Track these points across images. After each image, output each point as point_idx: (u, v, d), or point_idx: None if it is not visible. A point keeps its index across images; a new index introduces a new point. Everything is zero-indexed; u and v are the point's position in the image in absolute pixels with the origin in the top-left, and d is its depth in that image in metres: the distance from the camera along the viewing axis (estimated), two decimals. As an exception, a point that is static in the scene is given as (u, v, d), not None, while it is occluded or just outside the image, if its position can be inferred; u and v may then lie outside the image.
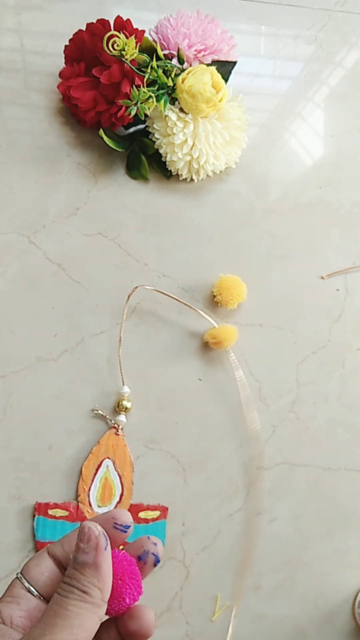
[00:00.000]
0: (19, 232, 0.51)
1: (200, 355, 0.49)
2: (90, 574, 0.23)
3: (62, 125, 0.55)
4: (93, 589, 0.23)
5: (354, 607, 0.45)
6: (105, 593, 0.23)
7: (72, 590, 0.23)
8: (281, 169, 0.57)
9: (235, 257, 0.53)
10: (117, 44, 0.45)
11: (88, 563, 0.23)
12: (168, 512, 0.45)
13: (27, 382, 0.47)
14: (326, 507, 0.47)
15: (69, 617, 0.22)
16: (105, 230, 0.52)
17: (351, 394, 0.49)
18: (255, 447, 0.47)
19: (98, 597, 0.23)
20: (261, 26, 0.63)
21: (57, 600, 0.23)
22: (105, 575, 0.23)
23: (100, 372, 0.48)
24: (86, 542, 0.23)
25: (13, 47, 0.58)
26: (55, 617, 0.22)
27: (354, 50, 0.63)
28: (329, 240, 0.54)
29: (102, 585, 0.23)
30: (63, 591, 0.23)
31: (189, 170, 0.52)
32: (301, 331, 0.51)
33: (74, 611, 0.22)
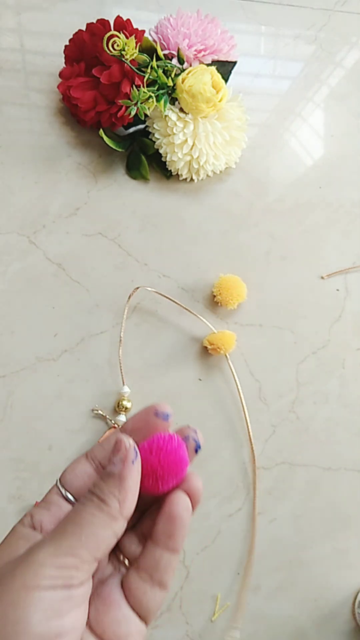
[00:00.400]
0: (19, 232, 0.51)
1: (201, 355, 0.49)
2: (113, 485, 0.22)
3: (62, 125, 0.55)
4: (112, 499, 0.22)
5: (354, 607, 0.45)
6: (125, 507, 0.22)
7: (92, 498, 0.22)
8: (281, 169, 0.57)
9: (235, 257, 0.53)
10: (117, 44, 0.45)
11: (113, 474, 0.23)
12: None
13: (27, 382, 0.47)
14: (326, 507, 0.47)
15: (81, 524, 0.21)
16: (105, 230, 0.52)
17: (351, 394, 0.49)
18: (255, 447, 0.47)
19: (116, 508, 0.22)
20: (261, 26, 0.63)
21: (74, 508, 0.22)
22: (129, 489, 0.23)
23: (100, 372, 0.48)
24: (115, 454, 0.23)
25: (13, 47, 0.58)
26: (67, 524, 0.22)
27: (354, 50, 0.63)
28: (329, 240, 0.54)
29: (122, 497, 0.22)
30: (83, 499, 0.23)
31: (189, 170, 0.52)
32: (301, 331, 0.51)
33: (87, 519, 0.22)
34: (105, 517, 0.22)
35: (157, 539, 0.24)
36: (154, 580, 0.24)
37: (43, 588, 0.20)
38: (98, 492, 0.22)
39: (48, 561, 0.20)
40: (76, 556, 0.21)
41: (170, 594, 0.44)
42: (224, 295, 0.48)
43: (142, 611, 0.24)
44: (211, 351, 0.48)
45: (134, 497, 0.23)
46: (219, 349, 0.47)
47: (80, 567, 0.21)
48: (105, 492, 0.22)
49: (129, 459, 0.23)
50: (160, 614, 0.43)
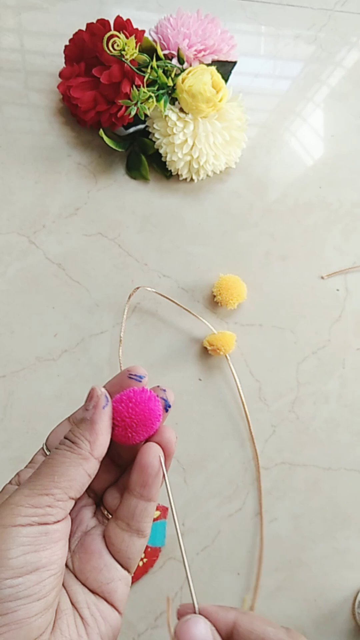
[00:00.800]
0: (19, 232, 0.51)
1: (200, 355, 0.49)
2: (84, 428, 0.24)
3: (62, 125, 0.55)
4: (83, 441, 0.24)
5: (354, 607, 0.45)
6: (95, 448, 0.24)
7: (64, 442, 0.24)
8: (281, 169, 0.57)
9: (235, 257, 0.53)
10: (117, 44, 0.45)
11: (85, 419, 0.24)
12: (168, 512, 0.45)
13: (27, 382, 0.47)
14: (326, 507, 0.47)
15: (53, 464, 0.23)
16: (105, 230, 0.52)
17: (351, 394, 0.49)
18: (256, 447, 0.47)
19: (86, 449, 0.24)
20: (261, 26, 0.63)
21: (48, 455, 0.24)
22: (99, 431, 0.24)
23: (100, 372, 0.48)
24: (88, 400, 0.25)
25: (13, 47, 0.58)
26: (41, 467, 0.23)
27: (354, 50, 0.63)
28: (329, 240, 0.54)
29: (93, 439, 0.24)
30: (57, 445, 0.24)
31: (189, 170, 0.52)
32: (301, 331, 0.51)
33: (58, 459, 0.23)
34: (75, 457, 0.23)
35: (132, 488, 0.25)
36: (132, 528, 0.25)
37: (20, 525, 0.21)
38: (70, 436, 0.24)
39: (23, 501, 0.22)
40: (50, 495, 0.22)
41: (170, 594, 0.44)
42: (224, 295, 0.48)
43: (122, 559, 0.25)
44: (211, 352, 0.48)
45: (104, 439, 0.24)
46: (219, 350, 0.47)
47: (54, 504, 0.22)
48: (76, 434, 0.24)
49: (100, 404, 0.25)
50: (160, 614, 0.43)
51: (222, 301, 0.49)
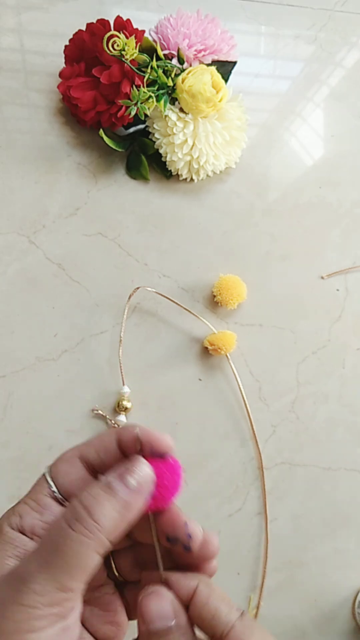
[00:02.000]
0: (19, 232, 0.51)
1: (201, 355, 0.49)
2: (115, 507, 0.20)
3: (62, 125, 0.55)
4: (108, 522, 0.20)
5: (354, 607, 0.45)
6: (115, 534, 0.21)
7: (82, 517, 0.20)
8: (281, 169, 0.57)
9: (235, 257, 0.53)
10: (117, 44, 0.45)
11: (120, 496, 0.21)
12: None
13: (27, 382, 0.47)
14: (326, 507, 0.47)
15: (68, 556, 0.19)
16: (105, 230, 0.52)
17: (351, 394, 0.49)
18: (255, 447, 0.47)
19: (107, 533, 0.20)
20: (261, 26, 0.63)
21: (59, 529, 0.20)
22: (128, 520, 0.21)
23: (100, 372, 0.48)
24: (131, 475, 0.21)
25: (13, 47, 0.58)
26: (53, 554, 0.20)
27: (354, 50, 0.63)
28: (329, 240, 0.54)
29: (119, 525, 0.20)
30: (70, 517, 0.20)
31: (189, 170, 0.52)
32: (301, 331, 0.51)
33: (74, 548, 0.19)
34: (94, 544, 0.20)
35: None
36: None
37: (38, 629, 0.19)
38: (93, 508, 0.20)
39: (38, 602, 0.19)
40: (65, 590, 0.19)
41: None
42: (224, 295, 0.48)
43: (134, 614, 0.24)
44: (212, 352, 0.48)
45: (127, 528, 0.21)
46: (220, 349, 0.47)
47: (70, 598, 0.20)
48: (104, 511, 0.20)
49: (144, 491, 0.21)
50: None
51: (222, 301, 0.49)
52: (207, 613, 0.21)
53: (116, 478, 0.21)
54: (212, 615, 0.21)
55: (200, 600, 0.22)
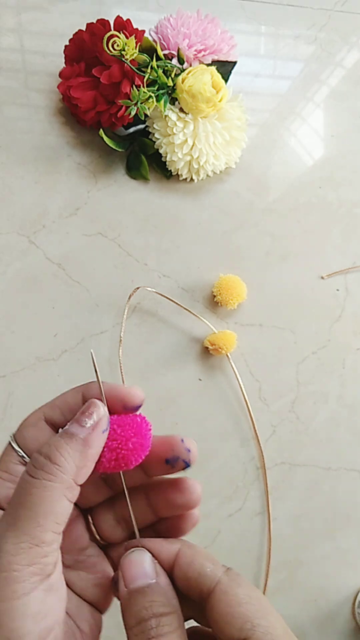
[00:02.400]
0: (19, 232, 0.51)
1: (201, 355, 0.49)
2: (74, 447, 0.20)
3: (62, 125, 0.55)
4: (69, 463, 0.20)
5: (354, 607, 0.45)
6: (81, 475, 0.20)
7: (43, 463, 0.19)
8: (281, 169, 0.57)
9: (235, 257, 0.53)
10: (117, 44, 0.45)
11: (77, 436, 0.20)
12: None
13: (27, 382, 0.47)
14: (326, 507, 0.47)
15: (34, 504, 0.19)
16: (105, 230, 0.52)
17: (351, 394, 0.49)
18: (256, 447, 0.47)
19: (71, 474, 0.20)
20: (261, 26, 0.63)
21: (22, 482, 0.19)
22: (90, 457, 0.21)
23: (100, 372, 0.48)
24: (86, 416, 0.21)
25: (13, 47, 0.58)
26: (19, 507, 0.19)
27: (354, 50, 0.63)
28: (329, 240, 0.54)
29: (82, 464, 0.20)
30: (32, 467, 0.20)
31: (189, 170, 0.52)
32: (301, 331, 0.51)
33: (39, 494, 0.19)
34: (60, 488, 0.19)
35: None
36: None
37: (22, 594, 0.18)
38: (53, 454, 0.20)
39: (14, 562, 0.18)
40: (40, 544, 0.19)
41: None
42: (224, 295, 0.48)
43: None
44: (212, 351, 0.48)
45: (91, 468, 0.21)
46: (221, 349, 0.47)
47: (48, 552, 0.19)
48: (63, 454, 0.20)
49: (100, 427, 0.21)
50: (160, 614, 0.43)
51: (222, 301, 0.49)
52: (192, 572, 0.21)
53: (72, 423, 0.21)
54: (197, 573, 0.21)
55: (184, 561, 0.22)
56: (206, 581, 0.21)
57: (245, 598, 0.20)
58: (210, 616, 0.21)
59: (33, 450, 0.22)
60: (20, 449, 0.22)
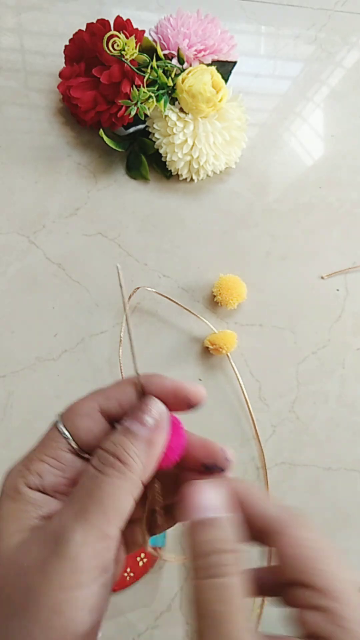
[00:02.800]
0: (19, 232, 0.51)
1: (201, 355, 0.49)
2: (139, 447, 0.20)
3: (62, 125, 0.55)
4: (136, 462, 0.20)
5: (354, 607, 0.45)
6: (146, 473, 0.20)
7: (112, 462, 0.20)
8: (281, 169, 0.57)
9: (235, 257, 0.53)
10: (117, 44, 0.45)
11: (140, 436, 0.20)
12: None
13: (27, 382, 0.47)
14: (326, 507, 0.47)
15: (102, 498, 0.19)
16: (105, 230, 0.52)
17: (351, 394, 0.49)
18: (256, 447, 0.47)
19: (138, 473, 0.20)
20: (261, 26, 0.63)
21: (91, 476, 0.20)
22: (154, 457, 0.21)
23: (100, 372, 0.48)
24: (147, 414, 0.21)
25: (13, 47, 0.58)
26: (87, 500, 0.19)
27: (354, 50, 0.63)
28: (329, 240, 0.54)
29: (148, 462, 0.20)
30: (100, 463, 0.20)
31: (189, 170, 0.52)
32: (301, 331, 0.51)
33: (109, 491, 0.19)
34: (127, 485, 0.20)
35: None
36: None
37: (84, 585, 0.18)
38: (120, 451, 0.20)
39: (82, 553, 0.18)
40: (106, 538, 0.19)
41: (170, 594, 0.44)
42: (224, 295, 0.48)
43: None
44: (213, 351, 0.48)
45: (154, 466, 0.21)
46: (221, 348, 0.47)
47: (110, 547, 0.19)
48: (130, 453, 0.20)
49: (163, 426, 0.21)
50: (160, 614, 0.43)
51: (222, 301, 0.49)
52: (261, 506, 0.21)
53: (133, 420, 0.21)
54: (266, 509, 0.21)
55: (253, 495, 0.21)
56: (276, 518, 0.20)
57: (315, 542, 0.20)
58: (275, 552, 0.20)
59: (87, 440, 0.22)
60: (71, 436, 0.22)
